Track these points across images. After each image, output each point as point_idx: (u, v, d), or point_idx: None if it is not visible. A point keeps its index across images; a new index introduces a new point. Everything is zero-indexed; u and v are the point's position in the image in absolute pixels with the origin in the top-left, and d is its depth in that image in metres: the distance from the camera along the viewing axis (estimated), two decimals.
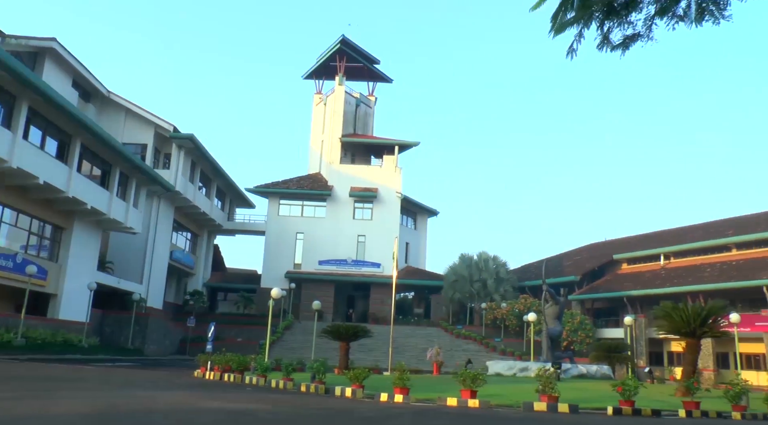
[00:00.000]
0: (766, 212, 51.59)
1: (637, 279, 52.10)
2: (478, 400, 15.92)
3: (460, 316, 56.61)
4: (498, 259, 56.33)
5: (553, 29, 9.27)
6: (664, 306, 26.37)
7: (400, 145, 61.28)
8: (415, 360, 42.92)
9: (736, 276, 44.12)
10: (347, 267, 57.00)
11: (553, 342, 34.12)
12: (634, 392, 16.44)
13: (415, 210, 64.57)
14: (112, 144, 37.01)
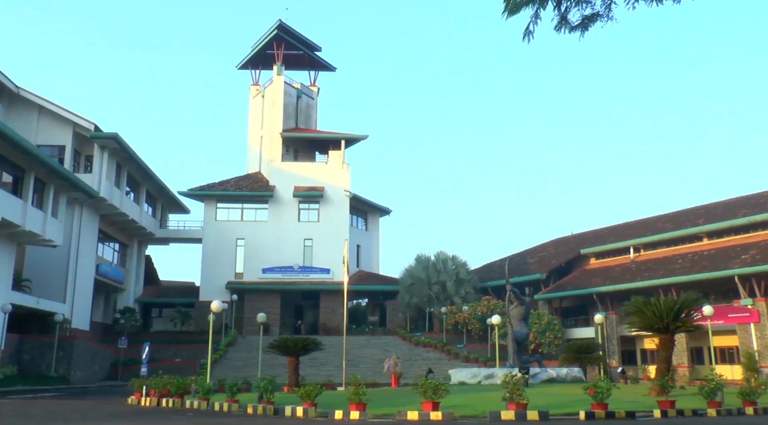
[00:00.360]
0: (737, 198, 53.28)
1: (606, 274, 53.19)
2: (440, 412, 16.03)
3: (418, 322, 56.91)
4: (457, 259, 56.79)
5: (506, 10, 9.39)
6: (635, 301, 27.01)
7: (347, 139, 61.23)
8: (372, 372, 42.99)
9: (708, 267, 45.46)
10: (294, 275, 56.71)
11: (519, 345, 34.56)
12: (606, 394, 16.81)
13: (366, 209, 64.62)
14: (24, 146, 35.94)
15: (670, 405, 17.81)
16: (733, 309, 42.94)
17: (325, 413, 17.38)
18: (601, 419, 16.17)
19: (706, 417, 17.54)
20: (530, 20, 9.14)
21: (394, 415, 16.62)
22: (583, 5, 9.29)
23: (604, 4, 9.29)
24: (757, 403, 19.04)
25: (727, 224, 48.39)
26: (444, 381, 18.32)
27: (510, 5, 9.17)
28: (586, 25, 9.41)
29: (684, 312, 25.80)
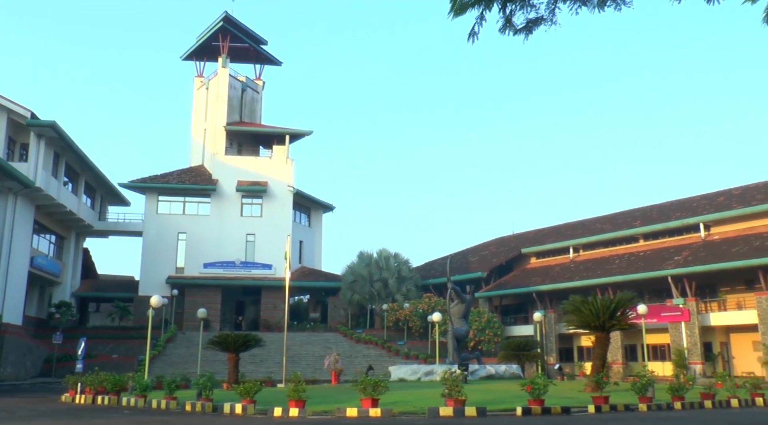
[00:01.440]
0: (671, 202, 54.92)
1: (546, 274, 54.17)
2: (379, 409, 16.11)
3: (359, 319, 57.00)
4: (399, 257, 57.07)
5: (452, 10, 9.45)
6: (573, 300, 27.64)
7: (292, 134, 60.87)
8: (312, 369, 42.92)
9: (643, 267, 46.74)
10: (235, 270, 56.15)
11: (459, 342, 34.96)
12: (543, 390, 17.16)
13: (309, 205, 64.38)
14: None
15: (603, 400, 18.29)
16: (665, 308, 44.27)
17: (264, 410, 17.28)
18: (537, 415, 16.49)
19: (637, 412, 18.09)
20: (475, 21, 9.20)
21: (333, 412, 16.63)
22: (527, 9, 9.39)
23: (549, 8, 9.41)
24: (684, 398, 19.76)
25: (661, 226, 49.85)
26: (384, 378, 18.41)
27: (456, 6, 9.22)
28: (530, 29, 9.52)
29: (619, 310, 26.52)
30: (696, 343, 42.67)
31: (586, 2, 8.98)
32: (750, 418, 16.20)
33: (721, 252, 43.48)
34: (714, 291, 45.10)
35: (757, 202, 45.66)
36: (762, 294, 39.79)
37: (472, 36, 9.38)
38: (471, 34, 9.37)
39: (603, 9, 8.98)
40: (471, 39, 9.42)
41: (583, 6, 9.01)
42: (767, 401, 21.93)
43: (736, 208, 46.35)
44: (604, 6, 8.94)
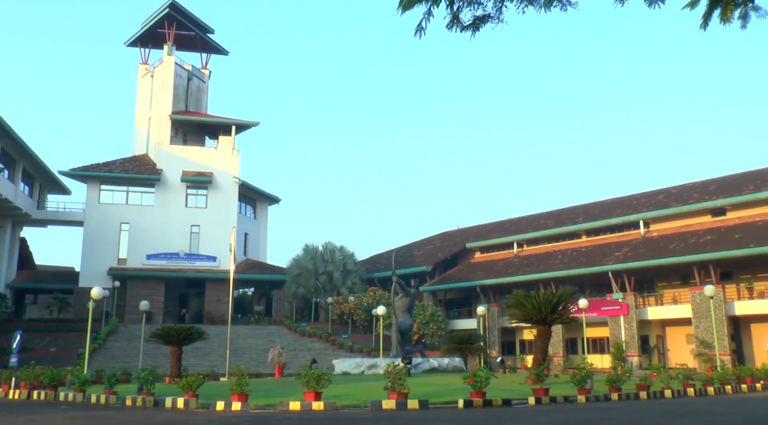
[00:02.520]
0: (613, 199, 56.20)
1: (490, 268, 54.82)
2: (322, 402, 16.11)
3: (304, 313, 56.84)
4: (345, 250, 57.03)
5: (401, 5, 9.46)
6: (516, 294, 28.09)
7: (238, 124, 60.17)
8: (256, 362, 42.66)
9: (585, 263, 47.71)
10: (179, 262, 55.31)
11: (403, 336, 35.15)
12: (485, 383, 17.41)
13: (255, 197, 63.82)
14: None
15: (544, 392, 18.66)
16: (605, 302, 45.31)
17: (206, 404, 17.10)
18: (478, 407, 16.70)
19: (576, 403, 18.51)
20: (423, 17, 9.22)
21: (276, 406, 16.56)
22: (474, 6, 9.45)
23: (495, 6, 9.48)
24: (621, 389, 20.35)
25: (603, 223, 50.95)
26: (327, 371, 18.40)
27: (404, 1, 9.23)
28: (477, 26, 9.58)
29: (561, 305, 27.08)
30: (634, 336, 43.80)
31: (533, 2, 9.08)
32: (681, 408, 16.71)
33: (659, 249, 44.67)
34: (652, 286, 46.37)
35: (694, 201, 47.05)
36: (696, 290, 41.03)
37: (420, 31, 9.41)
38: (418, 29, 9.40)
39: (549, 9, 9.10)
40: (418, 34, 9.45)
41: (530, 5, 9.11)
42: (698, 391, 22.71)
43: (674, 206, 47.68)
44: (551, 6, 9.06)
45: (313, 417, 14.18)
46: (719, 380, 24.47)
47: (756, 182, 45.69)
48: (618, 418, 13.96)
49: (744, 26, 8.43)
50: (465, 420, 13.34)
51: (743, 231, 42.26)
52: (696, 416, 14.53)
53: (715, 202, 45.53)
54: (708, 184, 49.86)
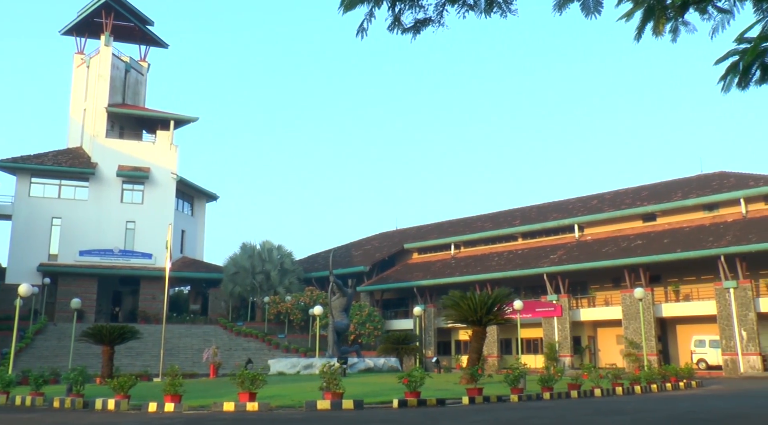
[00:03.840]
0: (549, 203, 57.35)
1: (427, 269, 55.24)
2: (257, 403, 16.00)
3: (240, 312, 56.27)
4: (283, 249, 56.65)
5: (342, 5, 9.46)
6: (452, 295, 28.35)
7: (177, 119, 59.12)
8: (191, 362, 42.06)
9: (521, 265, 48.55)
10: (114, 259, 54.01)
11: (339, 336, 35.14)
12: (420, 383, 17.55)
13: (193, 194, 62.79)
14: None
15: (477, 392, 18.92)
16: (540, 303, 46.22)
17: (138, 405, 16.77)
18: (413, 407, 16.82)
19: (509, 402, 18.83)
20: (365, 18, 9.24)
21: (210, 407, 16.35)
22: (416, 9, 9.51)
23: (437, 10, 9.55)
24: (553, 388, 20.77)
25: (539, 226, 51.95)
26: (263, 372, 18.23)
27: (346, 1, 9.23)
28: (419, 29, 9.65)
29: (496, 306, 27.46)
30: (566, 337, 44.80)
31: (474, 7, 9.20)
32: (609, 406, 17.16)
33: (593, 252, 45.79)
34: (585, 289, 47.52)
35: (626, 206, 48.40)
36: (627, 292, 42.20)
37: (361, 32, 9.43)
38: (360, 30, 9.42)
39: (489, 15, 9.22)
40: (360, 35, 9.46)
41: (471, 11, 9.22)
42: (626, 390, 23.38)
43: (608, 211, 48.97)
44: (491, 12, 9.19)
45: (246, 418, 14.06)
46: (646, 379, 25.24)
47: (684, 190, 47.29)
48: (548, 417, 14.26)
49: (674, 40, 8.70)
50: (399, 420, 13.43)
51: (672, 236, 43.66)
52: (623, 414, 14.94)
53: (646, 208, 46.97)
54: (640, 190, 51.35)
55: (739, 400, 19.61)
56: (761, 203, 42.84)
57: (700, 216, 44.97)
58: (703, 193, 45.23)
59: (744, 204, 43.08)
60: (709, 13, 7.83)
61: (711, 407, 17.13)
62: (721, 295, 39.53)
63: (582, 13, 8.81)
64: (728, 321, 39.05)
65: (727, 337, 38.97)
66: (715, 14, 7.83)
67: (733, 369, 38.20)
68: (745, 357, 38.12)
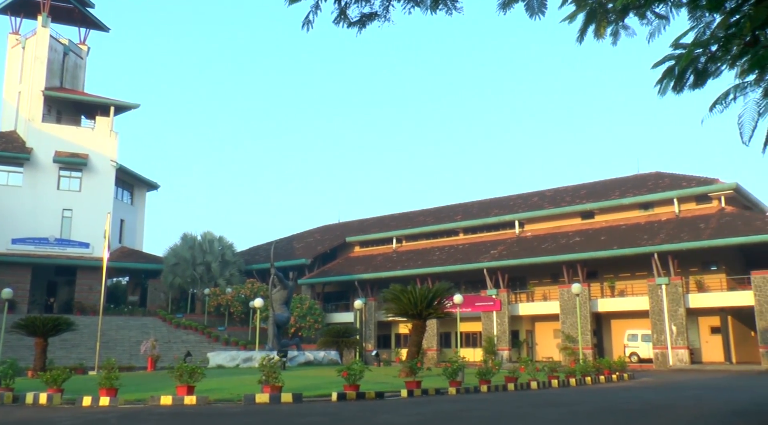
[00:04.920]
0: (491, 199, 58.08)
1: (369, 263, 55.34)
2: (195, 396, 15.78)
3: (180, 304, 55.42)
4: (224, 240, 55.96)
5: None
6: (393, 288, 28.47)
7: (117, 105, 57.63)
8: (128, 355, 41.31)
9: (461, 259, 49.04)
10: (49, 248, 52.44)
11: (279, 329, 34.98)
12: (359, 376, 17.58)
13: (133, 182, 61.45)
14: None
15: (416, 385, 19.07)
16: (480, 298, 46.79)
17: (72, 399, 16.34)
18: (351, 400, 16.85)
19: (447, 395, 19.03)
20: (311, 10, 9.21)
21: (146, 400, 16.05)
22: (362, 3, 9.51)
23: (383, 5, 9.56)
24: (491, 381, 21.07)
25: (480, 222, 52.57)
26: (202, 365, 18.00)
27: None
28: (364, 23, 9.65)
29: (437, 300, 27.68)
30: (505, 331, 45.49)
31: (419, 3, 9.23)
32: (545, 398, 17.52)
33: (532, 248, 46.56)
34: (524, 284, 48.33)
35: (566, 204, 49.38)
36: (564, 287, 43.07)
37: (307, 24, 9.38)
38: (306, 22, 9.37)
39: (435, 11, 9.28)
40: (306, 27, 9.41)
41: (417, 6, 9.25)
42: (561, 383, 23.91)
43: (548, 208, 49.87)
44: (437, 8, 9.24)
45: (184, 412, 13.87)
46: (581, 372, 25.89)
47: (621, 188, 48.49)
48: (485, 409, 14.46)
49: (615, 43, 8.91)
50: (337, 413, 13.44)
51: (609, 234, 44.72)
52: (558, 406, 15.27)
53: (585, 206, 48.01)
54: (579, 188, 52.41)
55: (667, 392, 20.27)
56: (693, 203, 44.25)
57: (636, 215, 46.19)
58: (639, 193, 46.48)
59: (677, 204, 44.43)
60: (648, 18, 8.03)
61: (641, 398, 17.66)
62: (654, 291, 40.72)
63: (526, 14, 8.94)
64: (660, 316, 40.26)
65: (658, 331, 40.18)
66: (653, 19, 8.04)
67: (663, 362, 39.43)
68: (674, 351, 39.40)
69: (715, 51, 7.48)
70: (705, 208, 43.57)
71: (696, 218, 42.55)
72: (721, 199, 43.23)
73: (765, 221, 39.66)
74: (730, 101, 7.79)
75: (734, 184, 42.53)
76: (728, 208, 42.61)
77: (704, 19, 7.50)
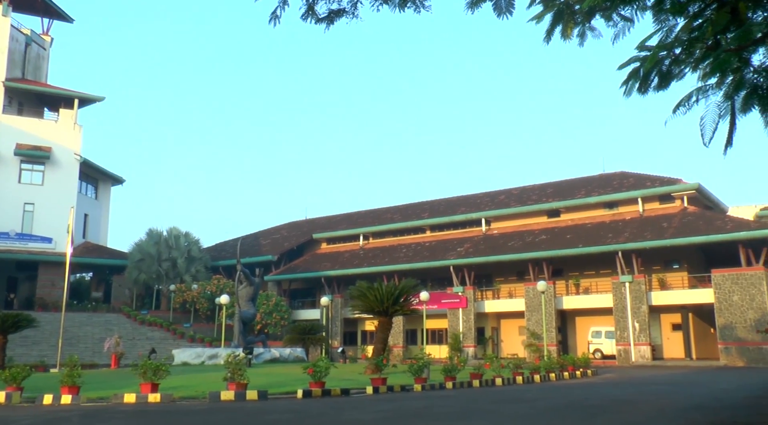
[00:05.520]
0: (458, 197, 58.34)
1: (336, 259, 55.25)
2: (159, 394, 15.61)
3: (145, 300, 54.82)
4: (190, 236, 55.46)
5: None
6: (359, 285, 28.48)
7: (81, 98, 56.71)
8: (91, 352, 40.77)
9: (428, 257, 49.21)
10: (9, 242, 51.43)
11: (245, 325, 34.79)
12: (324, 373, 17.56)
13: (97, 176, 60.50)
14: None
15: (382, 382, 19.09)
16: (446, 295, 47.00)
17: (32, 398, 16.03)
18: (317, 397, 16.82)
19: (412, 392, 19.09)
20: (278, 5, 9.17)
21: (110, 398, 15.83)
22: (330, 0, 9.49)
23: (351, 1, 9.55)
24: (456, 378, 21.18)
25: (447, 219, 52.79)
26: (166, 362, 17.79)
27: None
28: (332, 19, 9.64)
29: (403, 297, 27.76)
30: (471, 328, 45.79)
31: (388, 1, 9.23)
32: (509, 395, 17.67)
33: (499, 246, 46.88)
34: (490, 281, 48.66)
35: (532, 202, 49.81)
36: (530, 285, 43.46)
37: (275, 19, 9.34)
38: (273, 17, 9.33)
39: (404, 9, 9.29)
40: (273, 22, 9.38)
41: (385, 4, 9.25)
42: (526, 379, 24.14)
43: (514, 207, 50.26)
44: (405, 6, 9.24)
45: (148, 410, 13.71)
46: (545, 368, 26.16)
47: (587, 188, 49.04)
48: (450, 405, 14.54)
49: (581, 44, 9.00)
50: (302, 410, 13.41)
51: (574, 232, 45.22)
52: (522, 402, 15.40)
53: (551, 204, 48.47)
54: (545, 187, 52.87)
55: (629, 387, 20.59)
56: (656, 203, 44.93)
57: (601, 214, 46.77)
58: (605, 192, 47.06)
59: (641, 203, 45.08)
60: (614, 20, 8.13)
61: (603, 394, 17.91)
62: (618, 289, 41.29)
63: (494, 13, 8.99)
64: (623, 313, 40.84)
65: (622, 328, 40.76)
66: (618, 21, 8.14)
67: (626, 359, 40.02)
68: (636, 347, 40.01)
69: (679, 54, 7.60)
70: (668, 207, 44.28)
71: (659, 217, 43.22)
72: (683, 199, 43.98)
73: (725, 221, 40.46)
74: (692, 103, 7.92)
75: (696, 184, 43.31)
76: (690, 208, 43.36)
77: (668, 22, 7.61)
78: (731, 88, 7.45)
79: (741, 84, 7.37)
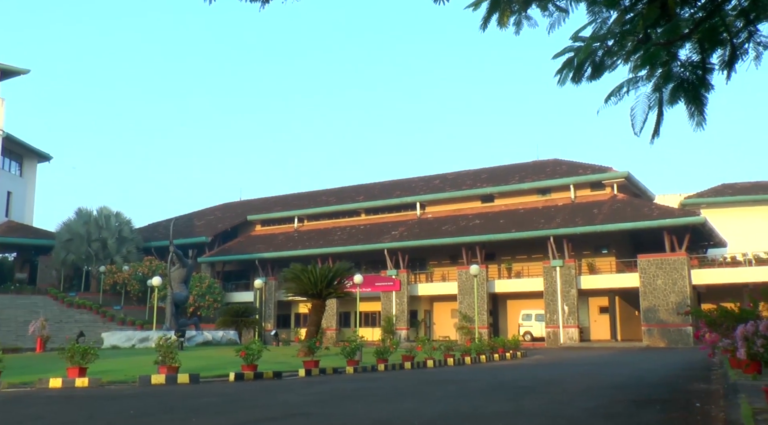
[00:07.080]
0: (392, 181, 58.62)
1: (270, 242, 54.86)
2: (87, 378, 15.25)
3: (74, 282, 53.35)
4: (121, 216, 54.19)
5: None
6: (293, 268, 28.44)
7: (4, 70, 54.49)
8: (15, 336, 39.52)
9: (363, 240, 49.35)
10: None
11: (178, 308, 34.33)
12: (257, 356, 17.49)
13: (22, 152, 58.34)
14: None
15: (314, 364, 19.17)
16: (380, 278, 47.29)
17: None
18: (249, 380, 16.75)
19: (345, 374, 19.22)
20: None
21: (34, 383, 15.36)
22: None
23: None
24: (388, 360, 21.43)
25: (382, 203, 53.02)
26: (95, 345, 17.36)
27: None
28: None
29: (337, 279, 27.86)
30: (404, 311, 46.23)
31: None
32: (439, 376, 17.97)
33: (433, 230, 47.35)
34: (424, 264, 49.12)
35: (467, 187, 50.44)
36: (463, 268, 44.10)
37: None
38: None
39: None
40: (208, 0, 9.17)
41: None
42: (457, 361, 24.57)
43: (449, 191, 50.80)
44: None
45: (74, 395, 13.37)
46: (476, 351, 26.66)
47: (521, 174, 49.93)
48: (381, 387, 14.67)
49: (517, 32, 9.07)
50: (234, 393, 13.32)
51: (507, 217, 46.03)
52: (451, 383, 15.65)
53: (485, 190, 49.20)
54: (480, 172, 53.57)
55: (556, 368, 21.17)
56: (588, 189, 46.11)
57: (534, 200, 47.72)
58: (538, 178, 48.01)
59: (573, 190, 46.18)
60: (549, 10, 8.24)
61: (531, 375, 18.37)
62: (549, 273, 42.29)
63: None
64: (553, 296, 41.89)
65: (551, 311, 41.82)
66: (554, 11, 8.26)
67: (555, 341, 41.11)
68: (565, 330, 41.15)
69: (612, 46, 7.77)
70: (599, 194, 45.51)
71: (590, 204, 44.38)
72: (613, 187, 45.27)
73: (652, 208, 41.86)
74: (623, 94, 8.10)
75: (626, 172, 44.63)
76: (620, 195, 44.67)
77: (602, 14, 7.77)
78: (660, 81, 7.67)
79: (669, 77, 7.59)
